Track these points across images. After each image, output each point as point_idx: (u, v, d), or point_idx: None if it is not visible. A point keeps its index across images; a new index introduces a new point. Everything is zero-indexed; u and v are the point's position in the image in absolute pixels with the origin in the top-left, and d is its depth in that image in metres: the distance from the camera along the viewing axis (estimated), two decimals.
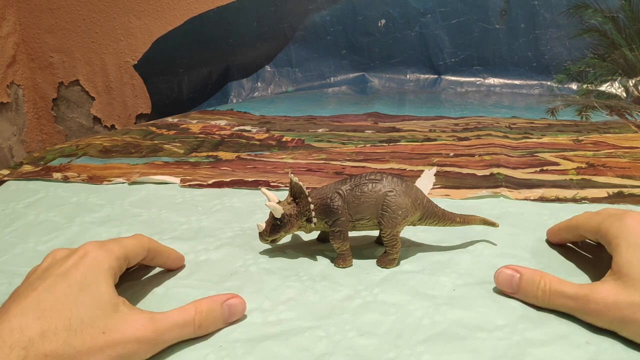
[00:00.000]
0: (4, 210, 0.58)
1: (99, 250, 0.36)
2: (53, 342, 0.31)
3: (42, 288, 0.33)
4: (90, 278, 0.34)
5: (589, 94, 1.03)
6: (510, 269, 0.41)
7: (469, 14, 1.08)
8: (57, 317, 0.32)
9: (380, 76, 1.13)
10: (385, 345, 0.37)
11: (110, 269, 0.36)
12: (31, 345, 0.30)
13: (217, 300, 0.38)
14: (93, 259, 0.35)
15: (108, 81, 1.29)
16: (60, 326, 0.31)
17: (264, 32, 1.16)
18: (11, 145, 1.29)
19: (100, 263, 0.35)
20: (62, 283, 0.33)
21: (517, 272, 0.41)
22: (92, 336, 0.32)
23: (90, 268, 0.35)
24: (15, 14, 1.26)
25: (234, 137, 0.82)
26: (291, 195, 0.46)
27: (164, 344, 0.36)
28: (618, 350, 0.36)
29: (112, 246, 0.37)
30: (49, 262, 0.36)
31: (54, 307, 0.32)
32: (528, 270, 0.41)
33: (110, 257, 0.36)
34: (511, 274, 0.41)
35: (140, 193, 0.62)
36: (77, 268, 0.35)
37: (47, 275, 0.34)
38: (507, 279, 0.41)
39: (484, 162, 0.69)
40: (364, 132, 0.83)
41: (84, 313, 0.33)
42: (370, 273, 0.45)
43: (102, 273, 0.35)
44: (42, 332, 0.31)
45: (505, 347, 0.36)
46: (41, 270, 0.36)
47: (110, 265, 0.36)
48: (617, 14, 1.03)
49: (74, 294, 0.33)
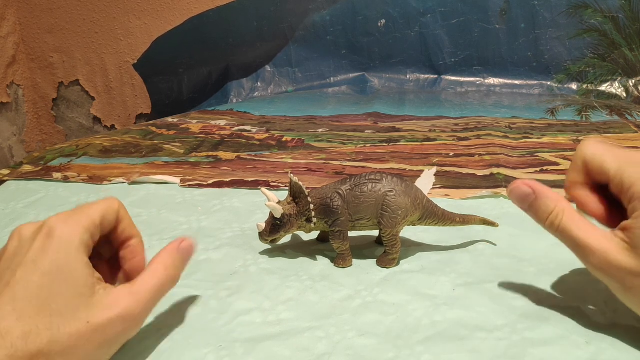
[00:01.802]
0: (4, 210, 0.58)
1: (65, 226, 0.33)
2: (37, 343, 0.30)
3: (14, 282, 0.31)
4: (62, 262, 0.32)
5: (589, 94, 1.03)
6: (527, 186, 0.38)
7: (469, 14, 1.08)
8: (36, 315, 0.31)
9: (380, 76, 1.13)
10: (385, 345, 0.37)
11: (81, 244, 0.33)
12: (15, 350, 0.29)
13: (173, 248, 0.38)
14: (60, 237, 0.33)
15: (108, 81, 1.29)
16: (42, 325, 0.30)
17: (264, 32, 1.16)
18: (11, 145, 1.29)
19: (69, 241, 0.33)
20: (34, 273, 0.32)
21: (533, 192, 0.38)
22: (77, 328, 0.31)
23: (59, 249, 0.32)
24: (15, 14, 1.26)
25: (234, 137, 0.82)
26: (291, 195, 0.46)
27: (148, 314, 0.35)
28: (618, 350, 0.36)
29: (79, 217, 0.34)
30: (16, 245, 0.34)
31: (31, 304, 0.31)
32: (544, 192, 0.38)
33: (79, 229, 0.34)
34: (527, 193, 0.38)
35: (140, 193, 0.62)
36: (46, 251, 0.32)
37: (16, 264, 0.32)
38: (521, 195, 0.39)
39: (484, 162, 0.69)
40: (364, 132, 0.83)
41: (63, 306, 0.31)
42: (370, 273, 0.45)
43: (73, 253, 0.33)
44: (24, 334, 0.30)
45: (505, 347, 0.36)
46: (9, 256, 0.33)
47: (81, 240, 0.33)
48: (617, 14, 1.03)
49: (48, 285, 0.31)
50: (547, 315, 0.39)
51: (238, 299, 0.42)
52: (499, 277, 0.44)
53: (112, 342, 0.33)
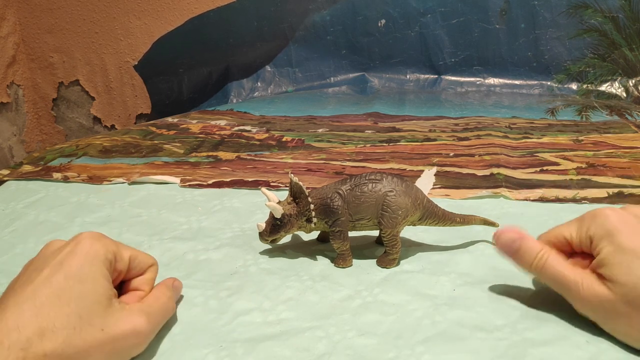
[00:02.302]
0: (4, 210, 0.58)
1: (95, 241, 0.36)
2: (52, 341, 0.31)
3: (38, 280, 0.33)
4: (87, 269, 0.34)
5: (589, 94, 1.03)
6: (513, 232, 0.40)
7: (469, 14, 1.08)
8: (54, 313, 0.31)
9: (380, 76, 1.13)
10: (385, 345, 0.37)
11: (106, 260, 0.35)
12: (30, 345, 0.30)
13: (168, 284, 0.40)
14: (90, 247, 0.35)
15: (108, 81, 1.29)
16: (59, 324, 0.31)
17: (264, 32, 1.16)
18: (11, 145, 1.29)
19: (96, 253, 0.35)
20: (59, 274, 0.33)
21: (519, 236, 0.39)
22: (92, 334, 0.32)
23: (86, 258, 0.34)
24: (15, 14, 1.26)
25: (234, 137, 0.82)
26: (291, 195, 0.46)
27: (155, 333, 0.37)
28: (618, 350, 0.36)
29: (110, 241, 0.37)
30: (45, 253, 0.36)
31: (51, 303, 0.32)
32: (530, 237, 0.40)
33: (106, 248, 0.36)
34: (513, 238, 0.40)
35: (140, 193, 0.62)
36: (73, 257, 0.34)
37: (43, 266, 0.34)
38: (508, 240, 0.40)
39: (484, 162, 0.69)
40: (364, 132, 0.83)
41: (82, 309, 0.32)
42: (370, 273, 0.45)
43: (98, 264, 0.35)
44: (41, 330, 0.30)
45: (505, 347, 0.36)
46: (39, 260, 0.35)
47: (106, 257, 0.35)
48: (617, 14, 1.03)
49: (71, 287, 0.33)
50: (547, 315, 0.39)
51: (238, 299, 0.42)
52: (499, 277, 0.44)
53: (121, 355, 0.34)
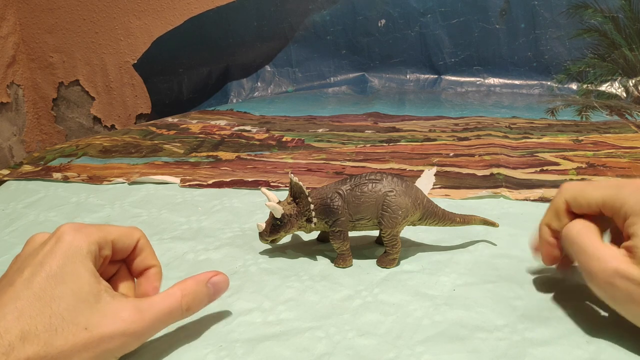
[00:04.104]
0: (4, 210, 0.58)
1: (76, 233, 0.34)
2: (34, 345, 0.30)
3: (19, 282, 0.32)
4: (69, 267, 0.33)
5: (589, 94, 1.03)
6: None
7: (469, 14, 1.08)
8: (36, 316, 0.31)
9: (380, 76, 1.13)
10: (385, 345, 0.37)
11: (89, 253, 0.34)
12: (12, 350, 0.29)
13: (202, 279, 0.37)
14: (70, 243, 0.33)
15: (108, 81, 1.29)
16: (41, 326, 0.30)
17: (264, 32, 1.16)
18: (11, 145, 1.29)
19: (78, 248, 0.33)
20: (40, 275, 0.32)
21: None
22: (75, 334, 0.31)
23: (67, 255, 0.33)
24: (15, 14, 1.26)
25: (234, 137, 0.82)
26: (291, 195, 0.46)
27: (152, 334, 0.35)
28: (618, 350, 0.35)
29: (91, 229, 0.35)
30: (28, 250, 0.35)
31: (32, 305, 0.31)
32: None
33: (89, 239, 0.34)
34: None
35: (140, 193, 0.62)
36: (54, 255, 0.33)
37: (25, 266, 0.33)
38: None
39: (484, 162, 0.69)
40: (364, 132, 0.83)
41: (65, 309, 0.31)
42: (370, 273, 0.45)
43: (80, 259, 0.33)
44: (23, 334, 0.30)
45: (505, 347, 0.36)
46: (20, 259, 0.34)
47: (89, 250, 0.34)
48: (617, 14, 1.03)
49: (52, 288, 0.32)
50: (547, 315, 0.39)
51: (238, 299, 0.42)
52: (499, 277, 0.44)
53: (109, 354, 0.33)
